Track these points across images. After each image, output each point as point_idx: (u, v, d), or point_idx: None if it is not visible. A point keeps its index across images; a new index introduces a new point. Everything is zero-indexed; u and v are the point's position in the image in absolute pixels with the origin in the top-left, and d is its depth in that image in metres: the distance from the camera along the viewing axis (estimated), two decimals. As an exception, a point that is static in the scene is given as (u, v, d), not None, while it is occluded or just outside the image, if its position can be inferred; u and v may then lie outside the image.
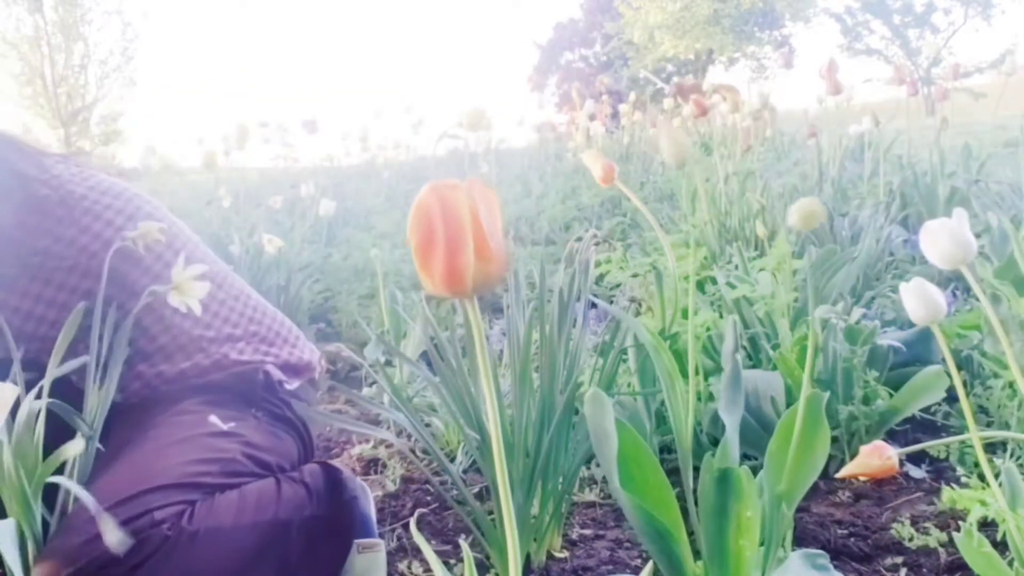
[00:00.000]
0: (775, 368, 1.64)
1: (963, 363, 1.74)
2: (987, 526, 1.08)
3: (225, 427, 1.17)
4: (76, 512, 1.01)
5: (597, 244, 1.47)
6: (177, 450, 1.11)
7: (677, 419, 1.11)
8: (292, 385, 1.31)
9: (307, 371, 1.37)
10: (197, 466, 1.10)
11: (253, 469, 1.17)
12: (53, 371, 1.00)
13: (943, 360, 1.65)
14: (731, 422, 1.06)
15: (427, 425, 1.76)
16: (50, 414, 1.00)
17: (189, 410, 1.19)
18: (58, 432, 1.03)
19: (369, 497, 1.40)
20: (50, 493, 1.04)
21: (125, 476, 1.05)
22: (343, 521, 1.20)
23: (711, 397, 1.58)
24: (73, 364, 1.04)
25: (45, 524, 1.03)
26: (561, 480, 1.32)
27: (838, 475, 1.11)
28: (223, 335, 1.27)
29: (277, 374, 1.29)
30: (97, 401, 1.06)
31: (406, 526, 1.47)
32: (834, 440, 1.53)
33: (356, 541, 1.20)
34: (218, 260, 1.39)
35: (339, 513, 1.20)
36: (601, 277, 2.18)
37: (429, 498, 1.60)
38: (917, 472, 1.55)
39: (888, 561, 1.27)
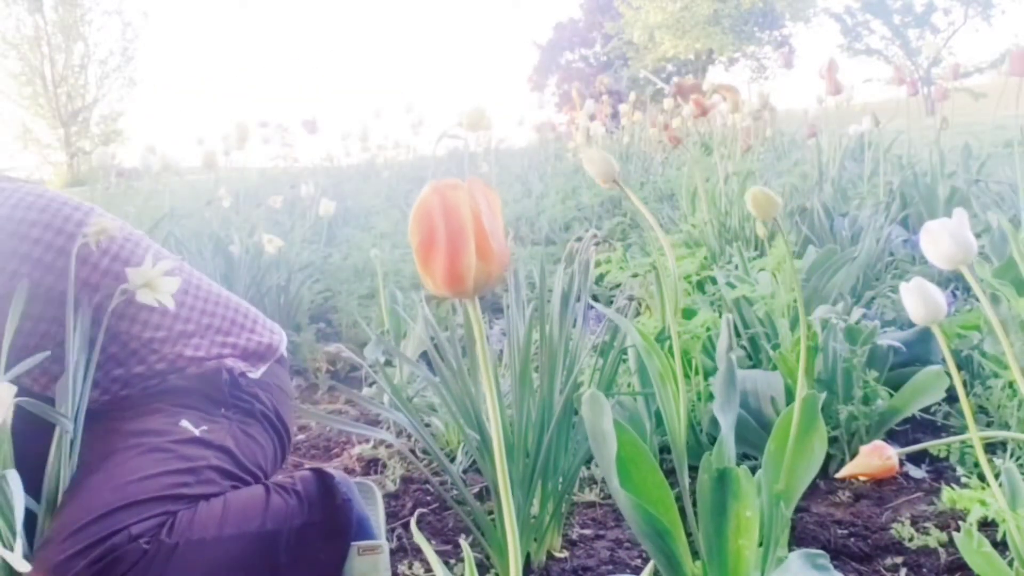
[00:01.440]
0: (775, 368, 1.64)
1: (963, 363, 1.74)
2: (987, 526, 1.08)
3: (197, 432, 1.16)
4: (57, 528, 1.01)
5: (597, 244, 1.47)
6: (151, 460, 1.10)
7: (670, 420, 1.11)
8: (256, 373, 1.30)
9: (270, 353, 1.35)
10: (173, 477, 1.09)
11: (232, 472, 1.16)
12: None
13: (943, 360, 1.65)
14: (727, 421, 1.06)
15: (427, 425, 1.76)
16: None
17: (158, 413, 1.18)
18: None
19: (376, 497, 1.39)
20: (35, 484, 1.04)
21: (100, 492, 1.04)
22: (338, 526, 1.20)
23: (711, 397, 1.58)
24: (25, 365, 1.04)
25: (32, 516, 1.03)
26: (561, 480, 1.32)
27: (838, 475, 1.11)
28: (175, 333, 1.26)
29: (239, 366, 1.27)
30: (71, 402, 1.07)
31: (406, 526, 1.47)
32: (834, 440, 1.53)
33: (355, 544, 1.20)
34: (163, 253, 1.32)
35: (333, 518, 1.19)
36: (601, 277, 2.18)
37: (429, 498, 1.60)
38: (917, 472, 1.55)
39: (888, 561, 1.27)
